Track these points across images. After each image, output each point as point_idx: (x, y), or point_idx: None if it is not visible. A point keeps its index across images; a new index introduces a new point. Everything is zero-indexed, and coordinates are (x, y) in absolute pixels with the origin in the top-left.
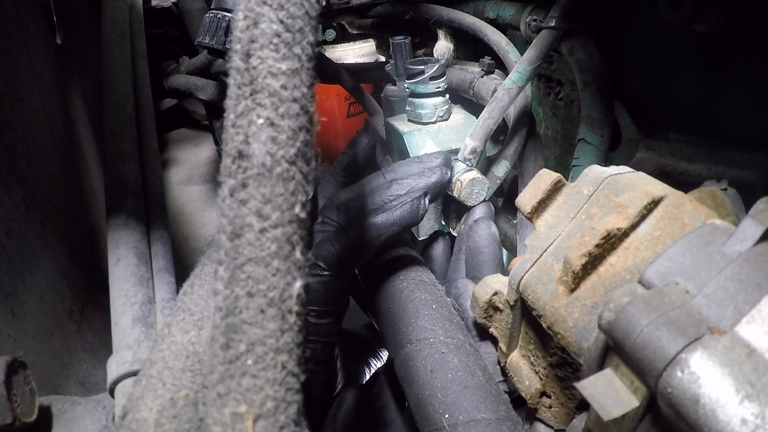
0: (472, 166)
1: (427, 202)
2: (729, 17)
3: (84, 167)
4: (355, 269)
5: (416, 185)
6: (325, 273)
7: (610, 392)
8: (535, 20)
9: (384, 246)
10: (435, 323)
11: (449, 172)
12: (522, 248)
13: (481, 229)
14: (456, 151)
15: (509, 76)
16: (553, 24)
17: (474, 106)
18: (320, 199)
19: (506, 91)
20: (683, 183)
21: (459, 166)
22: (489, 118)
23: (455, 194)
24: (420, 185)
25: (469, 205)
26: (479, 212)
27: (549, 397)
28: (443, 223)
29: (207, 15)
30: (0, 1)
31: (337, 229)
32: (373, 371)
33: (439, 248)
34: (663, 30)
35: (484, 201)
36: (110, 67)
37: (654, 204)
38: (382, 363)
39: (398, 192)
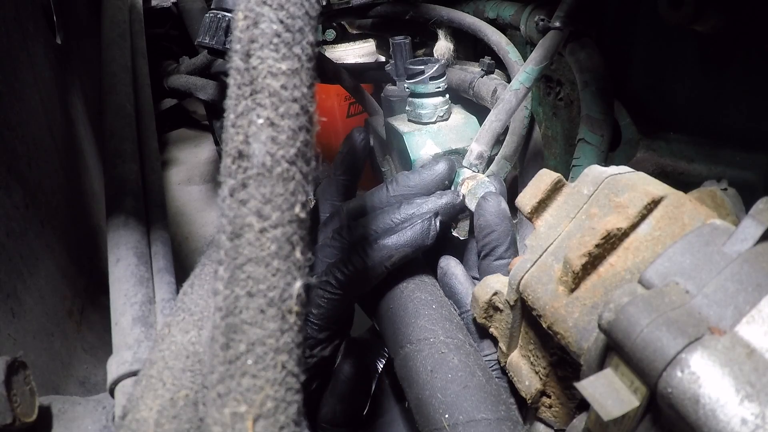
0: (477, 172)
1: (438, 223)
2: (729, 17)
3: (84, 167)
4: (364, 291)
5: (425, 205)
6: (337, 293)
7: (610, 392)
8: (542, 20)
9: (396, 268)
10: (435, 323)
11: (461, 194)
12: (522, 248)
13: (489, 205)
14: (456, 152)
15: (516, 77)
16: (559, 24)
17: (474, 106)
18: (320, 204)
19: (513, 93)
20: (683, 183)
21: (464, 172)
22: (496, 120)
23: None
24: (429, 206)
25: (472, 209)
26: (488, 188)
27: (549, 397)
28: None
29: (207, 15)
30: (0, 1)
31: (350, 249)
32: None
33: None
34: (663, 30)
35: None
36: (110, 67)
37: (654, 204)
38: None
39: (407, 212)
